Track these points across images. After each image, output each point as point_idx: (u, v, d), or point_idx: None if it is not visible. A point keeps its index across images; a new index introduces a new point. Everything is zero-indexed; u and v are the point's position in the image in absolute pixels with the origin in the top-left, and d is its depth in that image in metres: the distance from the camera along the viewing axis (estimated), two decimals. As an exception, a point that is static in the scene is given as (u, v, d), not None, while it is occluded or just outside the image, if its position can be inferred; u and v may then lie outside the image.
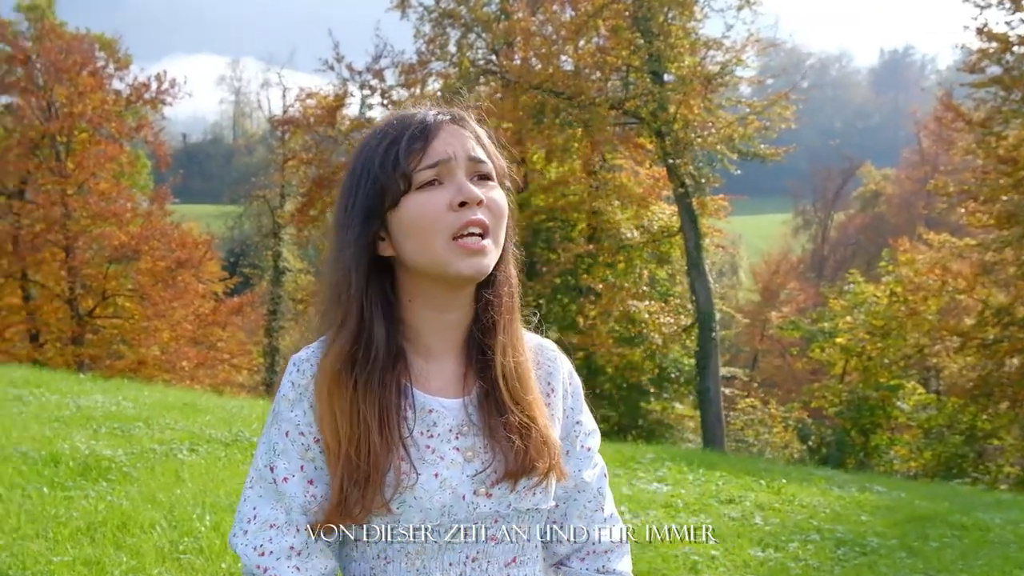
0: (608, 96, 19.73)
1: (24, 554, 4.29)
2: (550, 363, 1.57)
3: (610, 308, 20.97)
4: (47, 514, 4.96)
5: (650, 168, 22.06)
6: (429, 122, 1.43)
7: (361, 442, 1.35)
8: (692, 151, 19.34)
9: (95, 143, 26.22)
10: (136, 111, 28.46)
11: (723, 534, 6.01)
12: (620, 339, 21.23)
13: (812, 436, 21.50)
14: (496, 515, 1.43)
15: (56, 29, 26.87)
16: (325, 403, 1.39)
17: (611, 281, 21.85)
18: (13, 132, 26.75)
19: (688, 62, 19.24)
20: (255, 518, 1.42)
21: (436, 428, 1.42)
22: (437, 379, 1.46)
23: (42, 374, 12.66)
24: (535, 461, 1.41)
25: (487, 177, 1.43)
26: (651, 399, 22.30)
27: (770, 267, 43.29)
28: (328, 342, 1.42)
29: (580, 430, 1.58)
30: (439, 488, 1.39)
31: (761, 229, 56.29)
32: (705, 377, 18.97)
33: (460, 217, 1.36)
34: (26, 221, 24.81)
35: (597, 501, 1.60)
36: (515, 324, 1.48)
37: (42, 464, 6.11)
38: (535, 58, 21.65)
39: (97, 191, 25.51)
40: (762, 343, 36.50)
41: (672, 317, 21.34)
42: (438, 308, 1.44)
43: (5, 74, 26.80)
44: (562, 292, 22.48)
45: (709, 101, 19.35)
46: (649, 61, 19.15)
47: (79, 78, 25.72)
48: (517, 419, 1.42)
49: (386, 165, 1.39)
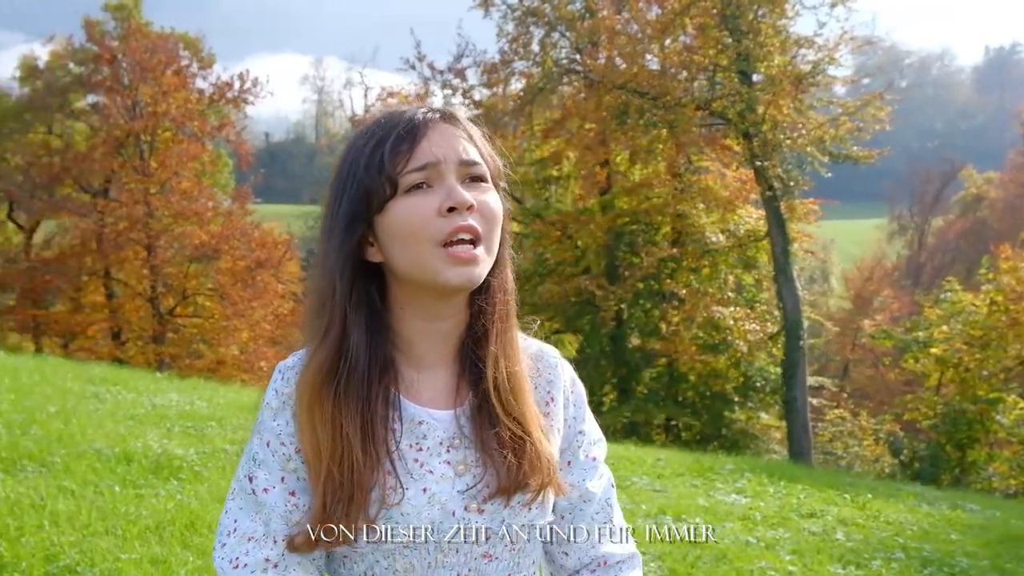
0: (694, 96, 19.59)
1: (93, 551, 4.39)
2: (551, 371, 1.52)
3: (694, 314, 20.83)
4: (117, 511, 5.08)
5: (737, 170, 21.84)
6: (417, 121, 1.36)
7: (344, 458, 1.31)
8: (781, 153, 19.11)
9: (178, 142, 26.85)
10: (219, 110, 29.04)
11: (802, 549, 5.92)
12: (704, 346, 21.09)
13: (904, 450, 21.01)
14: (488, 532, 1.38)
15: (142, 29, 27.53)
16: (305, 417, 1.35)
17: (695, 286, 21.71)
18: (99, 131, 27.52)
19: (778, 61, 19.00)
20: (235, 531, 1.38)
21: (426, 441, 1.38)
22: (429, 390, 1.41)
23: (120, 372, 13.00)
24: (528, 477, 1.37)
25: (480, 179, 1.37)
26: (735, 408, 22.08)
27: (863, 273, 42.56)
28: (310, 353, 1.38)
29: (583, 439, 1.54)
30: (428, 504, 1.35)
31: (854, 234, 55.40)
32: (792, 386, 18.72)
33: (449, 223, 1.31)
34: (110, 219, 25.47)
35: (605, 513, 1.56)
36: (509, 333, 1.43)
37: (115, 462, 6.27)
38: (619, 57, 21.61)
39: (179, 190, 26.10)
40: (853, 352, 35.90)
41: (758, 324, 21.11)
42: (429, 317, 1.39)
43: (92, 73, 27.59)
44: (644, 297, 22.39)
45: (799, 101, 19.10)
46: (737, 60, 18.96)
47: (163, 77, 26.35)
48: (510, 432, 1.37)
49: (371, 168, 1.34)
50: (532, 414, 1.41)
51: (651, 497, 7.19)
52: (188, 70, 28.39)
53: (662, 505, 6.84)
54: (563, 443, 1.51)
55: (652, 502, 6.93)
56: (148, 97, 26.37)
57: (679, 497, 7.32)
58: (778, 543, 6.04)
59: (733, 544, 5.86)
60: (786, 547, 5.96)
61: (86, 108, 28.92)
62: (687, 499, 7.24)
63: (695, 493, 7.52)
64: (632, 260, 22.13)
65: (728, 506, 7.18)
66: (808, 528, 6.67)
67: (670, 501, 7.06)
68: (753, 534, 6.26)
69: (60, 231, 30.04)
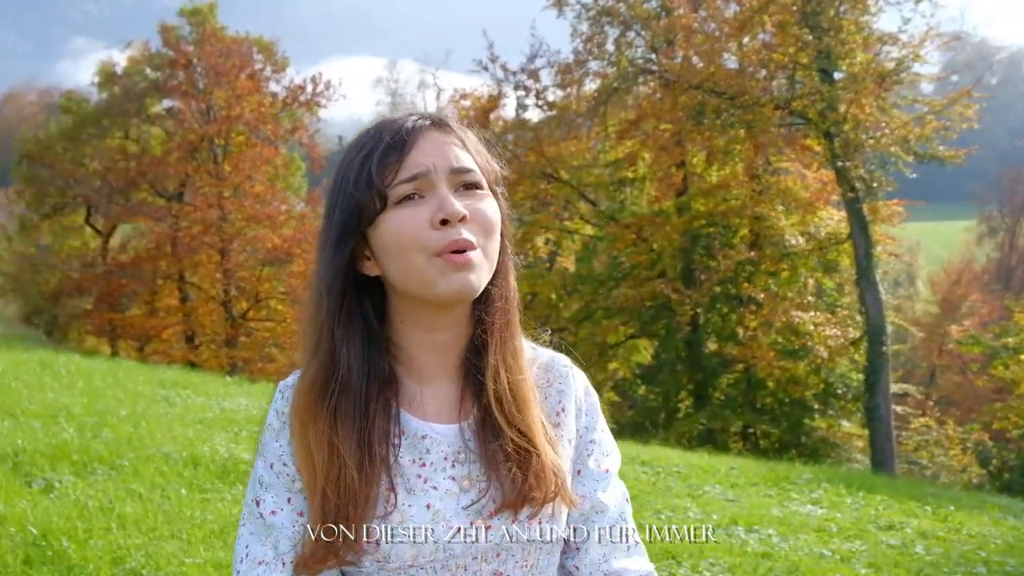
0: (773, 95, 19.45)
1: (158, 554, 4.50)
2: (561, 381, 1.49)
3: (772, 319, 20.66)
4: (183, 515, 5.20)
5: (818, 171, 21.60)
6: (406, 130, 1.34)
7: (340, 478, 1.29)
8: (863, 153, 18.88)
9: (251, 146, 27.31)
10: (292, 113, 29.48)
11: (879, 563, 5.85)
12: (783, 352, 20.88)
13: (993, 460, 20.65)
14: (498, 548, 1.35)
15: (217, 33, 28.05)
16: (299, 437, 1.34)
17: (773, 290, 21.50)
18: (174, 135, 28.11)
19: (861, 58, 18.78)
20: (247, 556, 1.37)
21: (429, 456, 1.36)
22: (433, 404, 1.40)
23: (191, 376, 13.27)
24: (534, 489, 1.33)
25: (475, 186, 1.35)
26: (815, 416, 21.81)
27: (950, 277, 41.84)
28: (302, 370, 1.38)
29: (595, 449, 1.49)
30: (432, 520, 1.32)
31: (942, 236, 54.39)
32: (875, 394, 18.47)
33: (443, 237, 1.28)
34: (184, 223, 25.97)
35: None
36: (511, 343, 1.40)
37: (183, 465, 6.41)
38: (696, 56, 21.53)
39: (252, 194, 26.53)
40: (940, 358, 35.27)
41: (839, 329, 20.83)
42: (429, 329, 1.38)
43: (168, 78, 28.18)
44: (721, 301, 22.25)
45: (883, 100, 18.85)
46: (818, 58, 18.77)
47: (237, 81, 26.84)
48: (514, 445, 1.34)
49: (360, 181, 1.32)
50: (537, 425, 1.38)
51: (723, 507, 7.17)
52: (262, 74, 28.89)
53: (734, 515, 6.81)
54: (574, 453, 1.47)
55: (724, 512, 6.90)
56: (222, 101, 26.89)
57: (752, 507, 7.27)
58: (854, 556, 5.98)
59: (807, 556, 5.82)
60: (862, 560, 5.90)
61: (162, 113, 29.61)
62: (760, 509, 7.19)
63: (769, 503, 7.47)
64: (709, 263, 22.01)
65: (803, 517, 7.12)
66: (886, 541, 6.58)
67: (743, 511, 7.03)
68: (828, 546, 6.21)
69: (136, 235, 30.78)
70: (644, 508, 6.88)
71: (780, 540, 6.21)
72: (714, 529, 6.36)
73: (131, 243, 31.05)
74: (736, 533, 6.31)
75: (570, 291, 24.20)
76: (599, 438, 1.51)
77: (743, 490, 8.23)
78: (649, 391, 24.63)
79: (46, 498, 5.34)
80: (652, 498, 7.30)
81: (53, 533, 4.61)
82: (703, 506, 7.15)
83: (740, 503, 7.46)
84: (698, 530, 5.62)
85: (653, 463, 9.13)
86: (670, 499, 7.32)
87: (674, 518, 6.60)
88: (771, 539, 6.20)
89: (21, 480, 5.71)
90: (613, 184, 24.57)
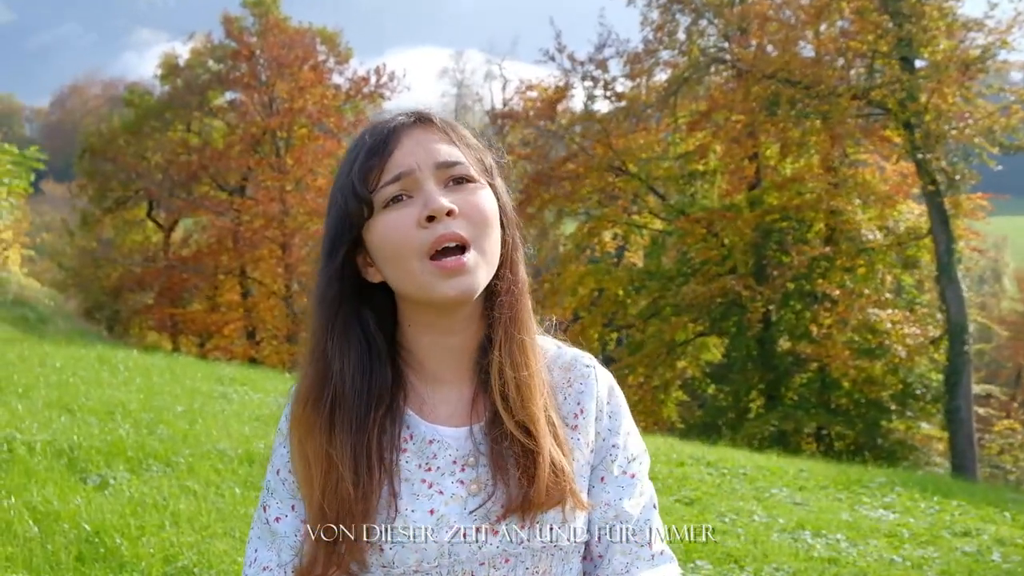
0: (851, 85, 19.27)
1: (211, 552, 4.59)
2: (582, 381, 1.45)
3: (847, 316, 20.46)
4: (237, 513, 5.29)
5: (897, 163, 21.35)
6: (387, 131, 1.34)
7: (337, 491, 1.31)
8: (945, 145, 18.63)
9: (314, 139, 27.60)
10: (355, 105, 29.71)
11: (952, 571, 5.77)
12: (859, 351, 20.65)
13: (1082, 466, 20.26)
14: (506, 554, 1.34)
15: (280, 24, 28.38)
16: (296, 449, 1.37)
17: (849, 287, 21.27)
18: (236, 128, 28.47)
19: (944, 46, 18.52)
20: (255, 561, 1.40)
21: (436, 460, 1.36)
22: (446, 406, 1.40)
23: (249, 372, 13.45)
24: (538, 493, 1.31)
25: (466, 180, 1.34)
26: (893, 417, 21.52)
27: (1039, 275, 41.02)
28: (298, 381, 1.41)
29: (618, 454, 1.45)
30: (435, 526, 1.32)
31: (1030, 232, 53.23)
32: (955, 395, 18.20)
33: (431, 234, 1.28)
34: (246, 217, 26.35)
35: (643, 535, 1.44)
36: (518, 337, 1.37)
37: (237, 463, 6.51)
38: (771, 44, 21.41)
39: (314, 187, 26.80)
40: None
41: (919, 328, 20.55)
42: (438, 332, 1.38)
43: (230, 70, 28.56)
44: (795, 298, 22.04)
45: (967, 89, 18.59)
46: (898, 46, 18.54)
47: (300, 73, 27.13)
48: (521, 446, 1.33)
49: (346, 188, 1.34)
50: (542, 425, 1.35)
51: (790, 511, 7.12)
52: (325, 65, 29.19)
53: (801, 519, 6.77)
54: (595, 458, 1.44)
55: (790, 516, 6.87)
56: (285, 93, 27.23)
57: (820, 511, 7.22)
58: (925, 563, 5.91)
59: (875, 563, 5.77)
60: (934, 567, 5.83)
61: (224, 105, 30.03)
62: (829, 513, 7.13)
63: (838, 507, 7.40)
64: (782, 259, 21.83)
65: (873, 522, 7.05)
66: (961, 548, 6.48)
67: (810, 515, 6.98)
68: (899, 552, 6.14)
69: (197, 229, 31.26)
70: (707, 511, 6.88)
71: (848, 545, 6.17)
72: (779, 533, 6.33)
73: (193, 237, 31.59)
74: (802, 537, 6.28)
75: (638, 287, 24.14)
76: (623, 442, 1.47)
77: (811, 493, 8.17)
78: (719, 390, 24.47)
79: (100, 495, 5.46)
80: (716, 500, 7.29)
81: (106, 530, 4.72)
82: (769, 509, 7.12)
83: (808, 506, 7.42)
84: (698, 529, 5.52)
85: (719, 464, 9.10)
86: (735, 502, 7.30)
87: (738, 521, 6.59)
88: (839, 544, 6.16)
89: (76, 476, 5.84)
90: (683, 177, 24.45)
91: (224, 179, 29.03)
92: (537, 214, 24.71)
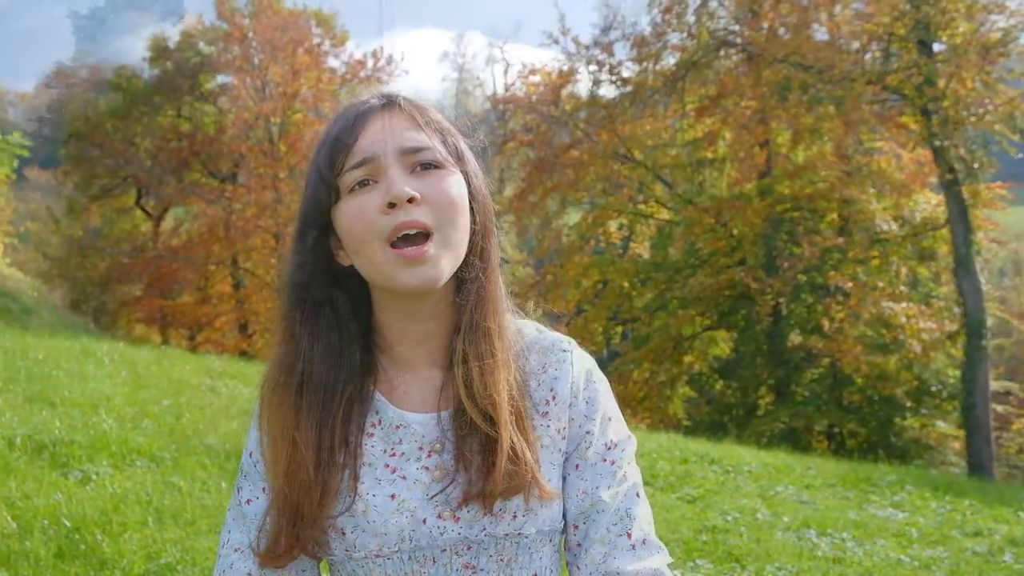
0: (866, 69, 19.25)
1: (195, 549, 4.64)
2: (557, 366, 1.46)
3: (860, 310, 20.46)
4: (223, 509, 5.29)
5: (914, 151, 21.29)
6: (354, 116, 1.38)
7: (298, 473, 1.34)
8: (964, 131, 18.62)
9: (309, 124, 27.53)
10: (352, 90, 29.55)
11: (961, 572, 5.78)
12: (872, 345, 20.65)
13: (1104, 466, 20.27)
14: (468, 541, 1.36)
15: (273, 5, 28.33)
16: (264, 430, 1.41)
17: (862, 280, 21.25)
18: (228, 113, 28.38)
19: (963, 29, 18.51)
20: (228, 542, 1.43)
21: (402, 446, 1.39)
22: (417, 392, 1.42)
23: (239, 365, 13.44)
24: (495, 481, 1.32)
25: (433, 165, 1.35)
26: (907, 415, 21.51)
27: (1061, 267, 40.97)
28: (269, 364, 1.44)
29: (593, 440, 1.44)
30: (396, 511, 1.34)
31: (1051, 223, 53.18)
32: (972, 392, 18.21)
33: (391, 220, 1.30)
34: (238, 206, 26.32)
35: (623, 524, 1.42)
36: (483, 328, 1.39)
37: (224, 458, 6.55)
38: (783, 27, 21.38)
39: (309, 175, 26.68)
40: (1048, 355, 34.56)
41: (935, 322, 20.55)
42: (408, 318, 1.40)
43: (222, 53, 28.46)
44: (806, 291, 22.02)
45: (987, 74, 18.56)
46: (916, 28, 18.52)
47: (294, 56, 27.05)
48: (483, 433, 1.34)
49: (313, 174, 1.38)
50: (503, 411, 1.35)
51: (795, 509, 7.14)
52: (320, 48, 29.11)
53: (806, 518, 6.78)
54: (569, 445, 1.44)
55: (796, 514, 6.88)
56: (278, 77, 27.19)
57: (827, 509, 7.24)
58: (934, 563, 5.92)
59: (882, 562, 5.78)
60: (943, 568, 5.84)
61: (215, 89, 29.94)
62: (835, 512, 7.15)
63: (845, 506, 7.42)
64: (792, 250, 21.79)
65: (882, 521, 7.06)
66: (971, 548, 6.48)
67: (816, 514, 6.99)
68: (906, 552, 6.15)
69: (188, 218, 31.16)
70: (710, 509, 6.89)
71: (854, 545, 6.18)
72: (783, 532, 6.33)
73: (183, 226, 31.48)
74: (807, 536, 6.29)
75: (643, 279, 24.14)
76: (600, 428, 1.46)
77: (818, 491, 8.18)
78: (727, 386, 24.42)
79: (82, 490, 5.49)
80: (719, 498, 7.31)
81: (87, 526, 4.74)
82: (773, 507, 7.13)
83: (814, 505, 7.43)
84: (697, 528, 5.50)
85: (723, 461, 9.12)
86: (738, 500, 7.32)
87: (741, 519, 6.60)
88: (845, 543, 6.17)
89: (58, 471, 5.86)
90: (691, 165, 24.42)
91: (216, 166, 28.98)
92: (540, 202, 24.71)
